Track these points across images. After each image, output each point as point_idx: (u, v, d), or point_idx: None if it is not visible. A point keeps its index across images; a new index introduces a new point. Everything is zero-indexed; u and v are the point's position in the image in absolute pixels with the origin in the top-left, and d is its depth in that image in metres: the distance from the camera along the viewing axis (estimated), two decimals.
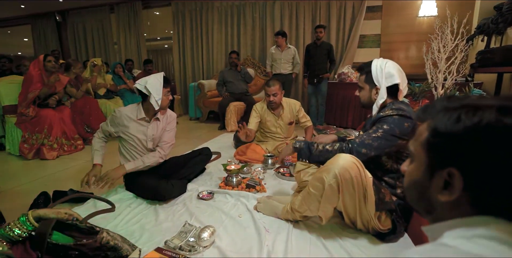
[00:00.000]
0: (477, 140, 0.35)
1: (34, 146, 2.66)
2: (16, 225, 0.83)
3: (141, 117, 1.69)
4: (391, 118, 1.19)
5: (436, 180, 0.39)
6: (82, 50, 6.21)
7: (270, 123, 2.41)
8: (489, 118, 0.34)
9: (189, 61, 5.31)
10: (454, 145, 0.37)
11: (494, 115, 0.34)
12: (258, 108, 2.40)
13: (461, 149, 0.36)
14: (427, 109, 0.42)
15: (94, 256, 0.87)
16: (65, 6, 5.86)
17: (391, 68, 1.25)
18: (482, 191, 0.36)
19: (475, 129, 0.35)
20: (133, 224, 1.40)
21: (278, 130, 2.42)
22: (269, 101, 2.27)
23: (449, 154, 0.37)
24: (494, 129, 0.34)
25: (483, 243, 0.33)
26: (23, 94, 2.72)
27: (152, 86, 1.63)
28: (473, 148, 0.35)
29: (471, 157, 0.35)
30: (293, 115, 2.40)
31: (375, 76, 1.27)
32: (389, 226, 1.19)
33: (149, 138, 1.74)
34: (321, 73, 3.69)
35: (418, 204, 0.45)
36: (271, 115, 2.38)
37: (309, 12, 4.43)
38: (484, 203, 0.36)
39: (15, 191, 1.95)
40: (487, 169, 0.34)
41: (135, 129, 1.69)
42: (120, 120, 1.67)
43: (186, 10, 5.14)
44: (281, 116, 2.38)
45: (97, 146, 1.71)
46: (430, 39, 3.01)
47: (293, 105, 2.39)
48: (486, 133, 0.34)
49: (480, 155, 0.35)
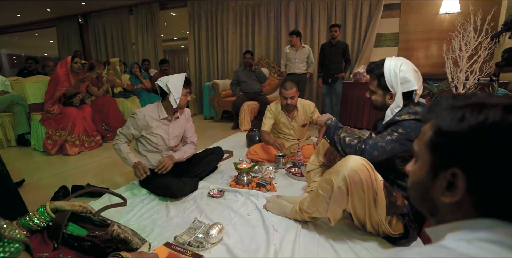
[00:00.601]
0: (481, 139, 0.34)
1: (58, 142, 2.79)
2: (35, 215, 0.88)
3: (163, 117, 1.76)
4: (407, 122, 1.13)
5: (439, 181, 0.38)
6: (102, 51, 6.45)
7: (283, 125, 2.35)
8: (494, 117, 0.33)
9: (204, 61, 5.39)
10: (457, 144, 0.36)
11: (499, 114, 0.33)
12: (273, 109, 2.34)
13: (465, 148, 0.35)
14: (432, 108, 0.41)
15: (106, 247, 0.91)
16: (87, 8, 6.11)
17: (406, 72, 1.16)
18: (486, 192, 0.34)
19: (479, 128, 0.34)
20: (145, 219, 1.44)
21: (291, 131, 2.37)
22: (286, 104, 2.20)
23: (453, 154, 0.36)
24: (500, 128, 0.33)
25: (484, 246, 0.32)
26: (49, 93, 2.85)
27: (173, 85, 1.69)
28: (478, 147, 0.34)
29: (475, 157, 0.34)
30: (307, 117, 2.34)
31: (389, 82, 1.18)
32: (401, 230, 1.15)
33: (171, 136, 1.82)
34: (336, 73, 3.63)
35: (421, 205, 0.44)
36: (285, 117, 2.32)
37: (325, 11, 4.38)
38: (488, 205, 0.35)
39: (38, 184, 2.06)
40: (492, 169, 0.33)
41: (159, 128, 1.76)
42: (143, 121, 1.72)
43: (201, 11, 5.22)
44: (295, 119, 2.32)
45: (126, 149, 1.72)
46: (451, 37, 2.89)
47: (307, 107, 2.33)
48: (491, 132, 0.33)
49: (485, 154, 0.33)
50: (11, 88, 3.43)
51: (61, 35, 6.89)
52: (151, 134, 1.74)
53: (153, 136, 1.75)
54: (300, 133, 2.41)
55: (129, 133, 1.73)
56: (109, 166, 2.45)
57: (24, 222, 0.87)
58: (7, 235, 0.59)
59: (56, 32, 6.96)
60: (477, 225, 0.35)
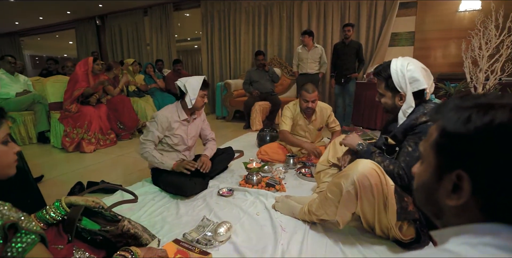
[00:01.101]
0: (488, 140, 0.33)
1: (75, 139, 2.89)
2: (51, 209, 0.92)
3: (183, 118, 1.81)
4: (426, 127, 1.07)
5: (445, 183, 0.37)
6: (118, 51, 6.63)
7: (299, 127, 2.29)
8: (501, 118, 0.32)
9: (217, 61, 5.44)
10: (463, 146, 0.35)
11: (507, 115, 0.32)
12: (291, 108, 2.26)
13: (471, 150, 0.34)
14: (440, 109, 0.40)
15: (116, 242, 0.94)
16: (104, 10, 6.30)
17: (413, 71, 1.12)
18: (492, 195, 0.33)
19: (486, 129, 0.33)
20: (155, 216, 1.47)
21: (306, 134, 2.32)
22: (306, 107, 2.13)
23: (458, 156, 0.35)
24: (507, 129, 0.32)
25: (488, 251, 0.31)
26: (68, 92, 2.96)
27: (190, 85, 1.73)
28: (484, 149, 0.33)
29: (481, 158, 0.33)
30: (324, 121, 2.29)
31: (397, 83, 1.15)
32: (412, 235, 1.12)
33: (189, 136, 1.88)
34: (349, 73, 3.58)
35: (426, 208, 0.43)
36: (303, 119, 2.26)
37: (338, 11, 4.32)
38: (494, 208, 0.34)
39: (57, 180, 2.15)
40: (498, 172, 0.32)
41: (179, 129, 1.81)
42: (166, 123, 1.76)
43: (214, 11, 5.27)
44: (312, 122, 2.27)
45: (158, 154, 1.75)
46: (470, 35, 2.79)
47: (324, 111, 2.27)
48: (498, 133, 0.32)
49: (491, 156, 0.32)
50: (32, 88, 3.58)
51: (80, 36, 7.13)
52: (173, 134, 1.79)
53: (175, 136, 1.80)
54: (315, 136, 2.36)
55: (155, 136, 1.74)
56: (123, 164, 2.52)
57: (41, 215, 0.91)
58: (24, 227, 0.62)
59: (75, 33, 7.22)
60: (482, 230, 0.34)
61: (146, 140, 1.74)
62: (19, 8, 5.98)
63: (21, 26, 7.81)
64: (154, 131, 1.73)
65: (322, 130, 2.39)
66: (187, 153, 1.94)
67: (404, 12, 4.00)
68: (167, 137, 1.79)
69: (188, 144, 1.89)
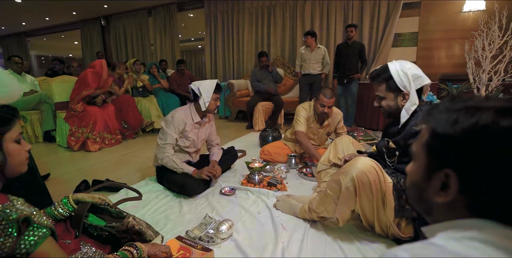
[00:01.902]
0: (473, 141, 0.34)
1: (80, 138, 2.94)
2: (60, 206, 0.95)
3: (197, 121, 1.84)
4: None
5: (434, 181, 0.39)
6: (122, 52, 6.70)
7: (310, 130, 2.26)
8: (486, 120, 0.34)
9: (220, 61, 5.48)
10: (451, 146, 0.37)
11: (491, 117, 0.34)
12: (307, 109, 2.21)
13: (457, 150, 0.36)
14: (431, 110, 0.42)
15: (121, 238, 0.97)
16: (109, 11, 6.37)
17: (414, 69, 1.15)
18: (478, 194, 0.35)
19: (471, 131, 0.35)
20: (159, 213, 1.51)
21: (315, 137, 2.30)
22: (322, 112, 2.09)
23: (446, 155, 0.37)
24: (490, 130, 0.33)
25: (472, 245, 0.33)
26: (76, 91, 2.99)
27: (204, 89, 1.77)
28: (469, 149, 0.35)
29: (467, 158, 0.35)
30: (333, 126, 2.28)
31: (399, 82, 1.16)
32: (411, 234, 1.14)
33: (199, 139, 1.92)
34: (351, 73, 3.59)
35: (417, 205, 0.45)
36: (315, 123, 2.22)
37: (341, 11, 4.33)
38: (480, 206, 0.36)
39: (62, 178, 2.19)
40: (483, 171, 0.34)
41: (191, 132, 1.85)
42: (182, 125, 1.79)
43: (218, 12, 5.30)
44: (324, 127, 2.23)
45: (178, 160, 1.75)
46: (473, 36, 2.78)
47: (336, 116, 2.25)
48: (482, 135, 0.34)
49: (476, 157, 0.34)
50: (39, 88, 3.65)
51: (85, 36, 7.22)
52: (186, 137, 1.83)
53: (188, 139, 1.84)
54: (323, 140, 2.36)
55: (174, 139, 1.75)
56: (127, 162, 2.56)
57: (50, 211, 0.95)
58: (36, 221, 0.65)
59: (80, 34, 7.31)
60: (468, 225, 0.36)
61: (166, 144, 1.74)
62: (25, 9, 6.08)
63: (27, 27, 7.93)
64: (172, 133, 1.75)
65: (331, 135, 2.37)
66: (194, 155, 1.98)
67: (407, 12, 3.99)
68: (180, 139, 1.83)
69: (198, 146, 1.95)
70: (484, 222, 0.35)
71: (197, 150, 1.99)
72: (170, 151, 1.75)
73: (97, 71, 3.04)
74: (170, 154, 1.74)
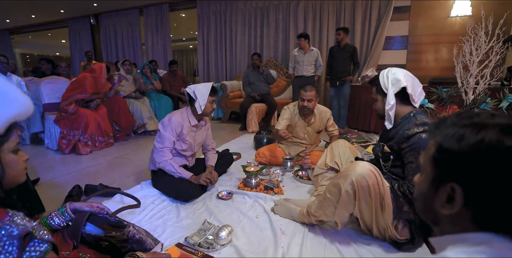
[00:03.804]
0: (478, 158, 0.36)
1: (72, 141, 2.87)
2: (57, 215, 0.93)
3: (194, 124, 1.83)
4: (420, 139, 1.13)
5: (440, 193, 0.41)
6: (112, 51, 6.57)
7: (299, 129, 2.31)
8: (490, 138, 0.35)
9: (212, 62, 5.45)
10: (456, 161, 0.38)
11: (496, 135, 0.35)
12: (290, 109, 2.29)
13: (462, 166, 0.37)
14: (438, 124, 0.43)
15: (122, 247, 0.95)
16: (99, 9, 6.23)
17: (396, 74, 1.23)
18: (482, 208, 0.37)
19: (476, 148, 0.36)
20: (156, 219, 1.49)
21: (305, 136, 2.34)
22: (302, 106, 2.16)
23: (452, 170, 0.39)
24: (494, 149, 0.35)
25: None
26: (71, 92, 2.88)
27: (200, 92, 1.75)
28: (474, 166, 0.36)
29: (472, 174, 0.37)
30: (323, 124, 2.32)
31: (382, 84, 1.26)
32: (407, 236, 1.17)
33: (196, 142, 1.91)
34: (343, 76, 3.63)
35: (424, 215, 0.47)
36: (301, 121, 2.29)
37: (333, 14, 4.38)
38: (484, 219, 0.37)
39: (53, 182, 2.13)
40: (487, 187, 0.36)
41: (189, 135, 1.83)
42: (179, 128, 1.77)
43: (210, 12, 5.27)
44: (311, 125, 2.29)
45: (176, 165, 1.74)
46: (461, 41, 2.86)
47: (324, 114, 2.30)
48: (487, 153, 0.35)
49: (481, 173, 0.36)
50: (26, 88, 3.53)
51: (73, 35, 7.04)
52: (183, 140, 1.81)
53: (185, 142, 1.82)
54: (314, 139, 2.39)
55: (172, 142, 1.74)
56: (120, 166, 2.51)
57: (46, 221, 0.92)
58: (37, 236, 0.63)
59: (68, 32, 7.12)
60: (476, 239, 0.37)
61: (164, 148, 1.72)
62: (11, 6, 5.87)
63: (12, 24, 7.66)
64: (169, 136, 1.73)
65: (321, 133, 2.42)
66: (190, 159, 1.97)
67: (398, 16, 4.08)
68: (177, 142, 1.81)
69: (195, 150, 1.94)
70: (491, 236, 0.37)
71: (194, 154, 1.98)
72: (168, 155, 1.73)
73: (97, 76, 2.96)
74: (168, 158, 1.72)
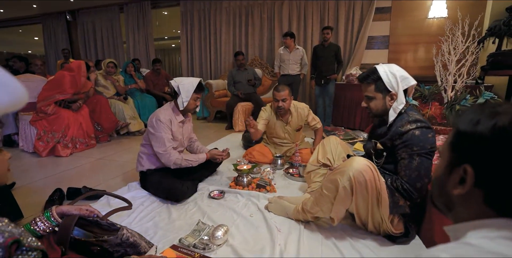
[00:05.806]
0: (490, 140, 0.38)
1: (50, 143, 2.71)
2: (41, 220, 0.86)
3: (180, 120, 1.79)
4: (413, 136, 1.14)
5: (453, 175, 0.42)
6: (91, 49, 6.29)
7: (279, 129, 2.31)
8: (503, 122, 0.37)
9: (196, 61, 5.35)
10: (471, 144, 0.40)
11: (508, 119, 0.37)
12: (268, 111, 2.29)
13: (476, 147, 0.39)
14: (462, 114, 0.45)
15: (114, 252, 0.90)
16: (75, 5, 5.95)
17: (401, 71, 1.23)
18: (493, 187, 0.38)
19: (489, 131, 0.38)
20: (147, 221, 1.43)
21: (286, 135, 2.34)
22: (277, 106, 2.15)
23: (466, 152, 0.41)
24: (505, 131, 0.37)
25: (507, 243, 0.35)
26: (48, 92, 2.71)
27: (184, 87, 1.70)
28: (486, 147, 0.38)
29: (483, 155, 0.39)
30: (302, 120, 2.31)
31: (388, 83, 1.21)
32: (402, 230, 1.20)
33: (184, 137, 1.88)
34: (328, 74, 3.69)
35: (439, 200, 0.48)
36: (279, 121, 2.28)
37: (317, 13, 4.44)
38: (495, 201, 0.38)
39: (30, 187, 2.00)
40: (498, 168, 0.37)
41: (177, 131, 1.79)
42: (171, 126, 1.73)
43: (194, 10, 5.18)
44: (289, 124, 2.28)
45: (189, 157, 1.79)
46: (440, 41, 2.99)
47: (301, 111, 2.28)
48: (499, 135, 0.37)
49: (492, 154, 0.38)
50: None
51: (47, 32, 6.67)
52: (174, 137, 1.77)
53: (176, 139, 1.79)
54: (295, 137, 2.38)
55: (170, 139, 1.71)
56: (104, 167, 2.41)
57: (29, 227, 0.86)
58: (25, 243, 0.58)
59: (42, 29, 6.75)
60: (499, 224, 0.38)
61: (167, 149, 1.69)
62: None
63: None
64: (166, 135, 1.69)
65: (302, 130, 2.41)
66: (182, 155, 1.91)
67: (379, 16, 4.19)
68: None
69: (185, 145, 1.92)
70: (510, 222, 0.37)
71: (183, 150, 1.95)
72: (175, 153, 1.71)
73: (75, 74, 2.79)
74: (177, 156, 1.71)
